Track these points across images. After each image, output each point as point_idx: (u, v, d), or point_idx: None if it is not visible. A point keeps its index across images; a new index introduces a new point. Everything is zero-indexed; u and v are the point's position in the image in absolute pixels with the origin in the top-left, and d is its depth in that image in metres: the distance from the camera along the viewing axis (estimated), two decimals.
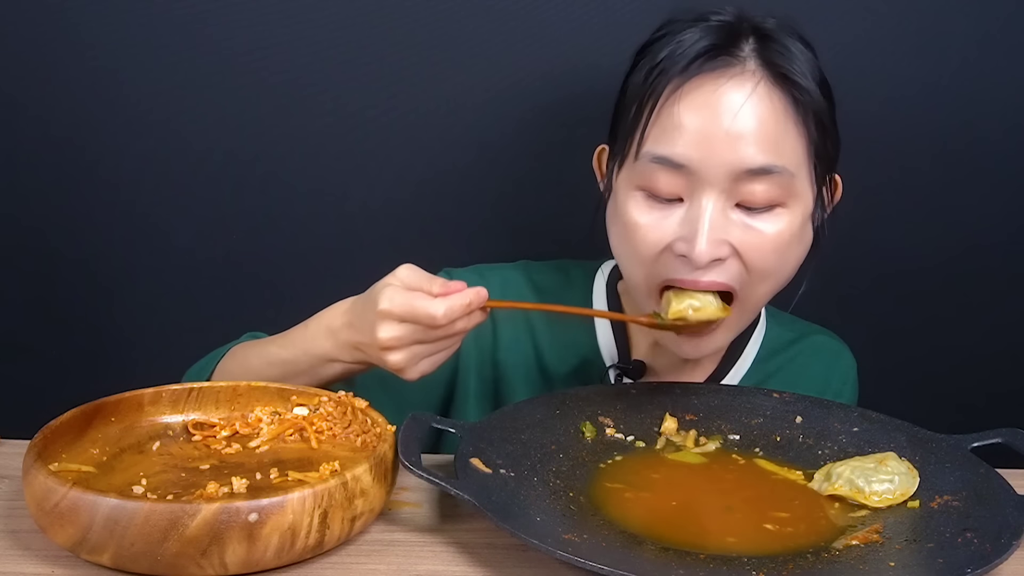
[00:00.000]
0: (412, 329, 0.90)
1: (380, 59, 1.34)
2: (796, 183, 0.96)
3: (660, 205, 0.97)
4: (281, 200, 1.39)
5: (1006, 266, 1.41)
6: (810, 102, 0.96)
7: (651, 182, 0.97)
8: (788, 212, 0.97)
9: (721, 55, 0.95)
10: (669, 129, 0.95)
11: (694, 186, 0.95)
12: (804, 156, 0.97)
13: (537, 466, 0.90)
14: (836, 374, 1.17)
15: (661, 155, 0.95)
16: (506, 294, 1.14)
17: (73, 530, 0.74)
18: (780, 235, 0.97)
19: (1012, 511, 0.82)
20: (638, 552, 0.79)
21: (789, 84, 0.95)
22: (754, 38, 0.97)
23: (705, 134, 0.93)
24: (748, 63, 0.95)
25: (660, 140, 0.96)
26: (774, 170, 0.94)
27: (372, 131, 1.36)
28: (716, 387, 1.06)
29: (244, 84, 1.35)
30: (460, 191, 1.38)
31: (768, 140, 0.94)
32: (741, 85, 0.94)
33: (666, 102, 0.95)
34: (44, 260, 1.41)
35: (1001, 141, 1.37)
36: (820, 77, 0.99)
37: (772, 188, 0.95)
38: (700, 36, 0.96)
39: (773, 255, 0.97)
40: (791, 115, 0.95)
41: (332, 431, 0.93)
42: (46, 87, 1.35)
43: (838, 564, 0.79)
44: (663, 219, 0.97)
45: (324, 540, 0.77)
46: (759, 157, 0.94)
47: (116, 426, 0.90)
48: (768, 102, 0.95)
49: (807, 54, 0.99)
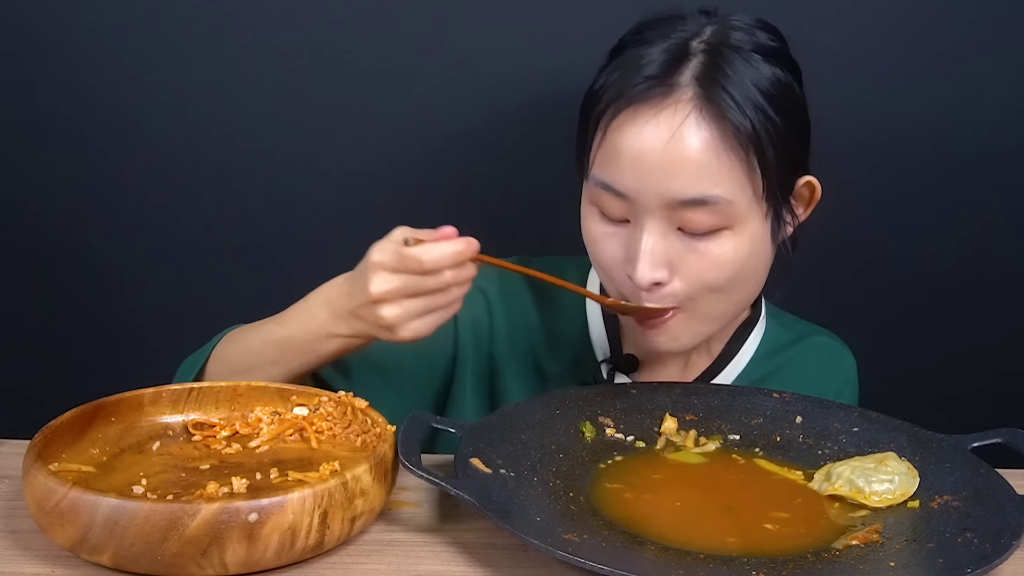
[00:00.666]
0: (403, 280, 0.91)
1: (377, 56, 1.34)
2: (736, 208, 0.96)
3: (612, 223, 1.00)
4: (281, 201, 1.39)
5: (1006, 266, 1.41)
6: (749, 128, 0.94)
7: (601, 203, 0.99)
8: (734, 235, 0.97)
9: (659, 84, 0.95)
10: (610, 156, 0.97)
11: (636, 211, 0.97)
12: (744, 181, 0.96)
13: (537, 466, 0.90)
14: (836, 375, 1.17)
15: (604, 181, 0.97)
16: (503, 286, 1.15)
17: (73, 530, 0.74)
18: (725, 257, 0.97)
19: (1012, 511, 0.82)
20: (638, 552, 0.79)
21: (724, 109, 0.94)
22: (701, 60, 0.96)
23: (638, 164, 0.94)
24: (684, 92, 0.94)
25: (603, 166, 0.98)
26: (708, 200, 0.94)
27: (373, 130, 1.37)
28: (716, 387, 1.06)
29: (244, 83, 1.35)
30: (457, 188, 1.39)
31: (699, 171, 0.94)
32: (672, 117, 0.94)
33: (608, 127, 0.96)
34: (44, 260, 1.41)
35: (1003, 141, 1.37)
36: (770, 95, 0.96)
37: (711, 216, 0.95)
38: (650, 59, 0.96)
39: (721, 274, 0.98)
40: (727, 143, 0.94)
41: (332, 431, 0.93)
42: (46, 83, 1.35)
43: (838, 564, 0.79)
44: (614, 237, 1.00)
45: (324, 540, 0.77)
46: (690, 188, 0.94)
47: (116, 426, 0.90)
48: (700, 134, 0.93)
49: (760, 74, 0.96)
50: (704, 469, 0.95)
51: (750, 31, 0.99)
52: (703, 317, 1.02)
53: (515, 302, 1.16)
